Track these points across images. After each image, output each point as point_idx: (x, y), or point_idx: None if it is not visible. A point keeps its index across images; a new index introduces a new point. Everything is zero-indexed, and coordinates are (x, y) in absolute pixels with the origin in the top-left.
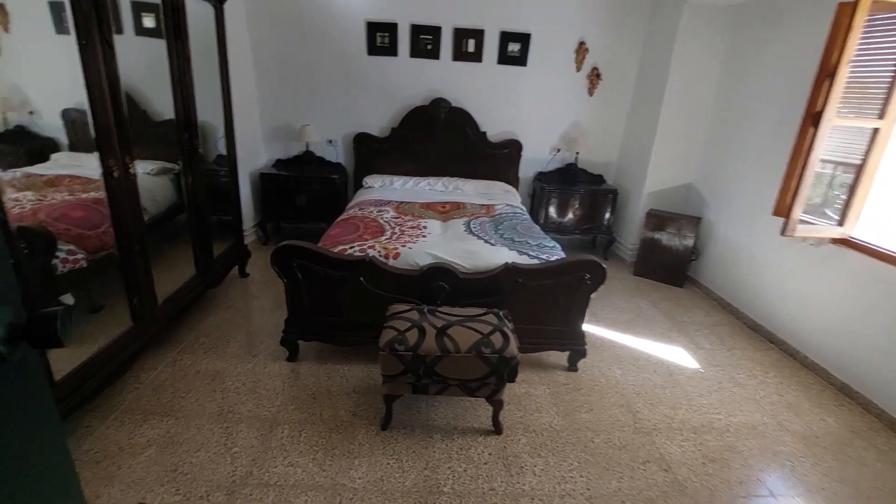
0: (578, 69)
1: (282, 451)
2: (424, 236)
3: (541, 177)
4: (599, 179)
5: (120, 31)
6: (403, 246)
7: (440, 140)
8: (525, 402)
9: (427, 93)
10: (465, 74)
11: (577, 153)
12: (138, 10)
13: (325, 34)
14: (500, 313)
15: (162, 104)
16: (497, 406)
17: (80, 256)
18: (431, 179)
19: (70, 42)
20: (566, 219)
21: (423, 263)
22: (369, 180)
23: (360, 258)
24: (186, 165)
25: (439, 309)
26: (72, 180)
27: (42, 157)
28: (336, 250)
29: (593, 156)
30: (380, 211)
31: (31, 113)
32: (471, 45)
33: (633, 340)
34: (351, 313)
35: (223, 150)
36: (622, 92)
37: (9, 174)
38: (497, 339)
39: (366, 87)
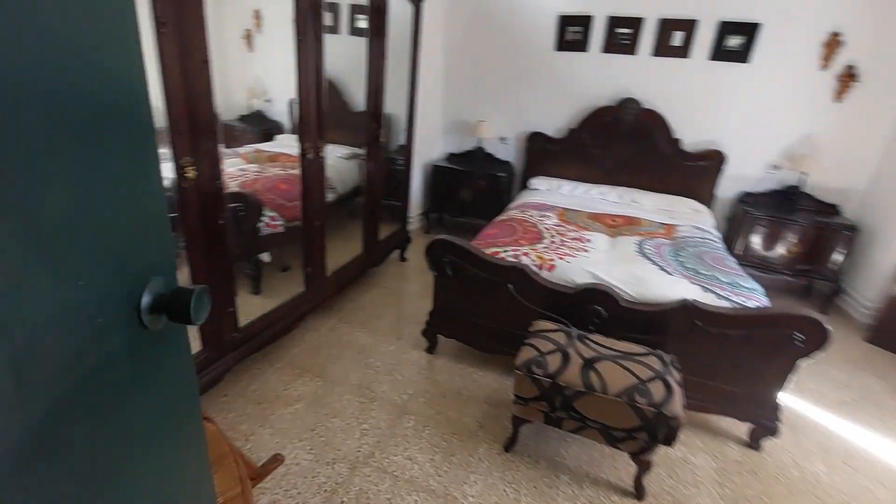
0: (824, 66)
1: (404, 440)
2: (587, 251)
3: (748, 198)
4: (832, 210)
5: (337, 31)
6: (561, 258)
7: (622, 145)
8: (680, 469)
9: (615, 92)
10: (665, 72)
11: (805, 174)
12: (354, 11)
13: (514, 29)
14: (666, 358)
15: (361, 97)
16: (643, 466)
17: (279, 223)
18: (605, 188)
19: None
20: (774, 254)
21: (579, 281)
22: (536, 182)
23: (512, 264)
24: (369, 153)
25: (590, 336)
26: (286, 158)
27: (269, 138)
28: (488, 251)
29: (828, 178)
30: (541, 216)
31: (267, 101)
32: (677, 39)
33: (853, 431)
34: (493, 319)
35: (404, 141)
36: (887, 98)
37: (244, 149)
38: (657, 390)
39: (548, 85)
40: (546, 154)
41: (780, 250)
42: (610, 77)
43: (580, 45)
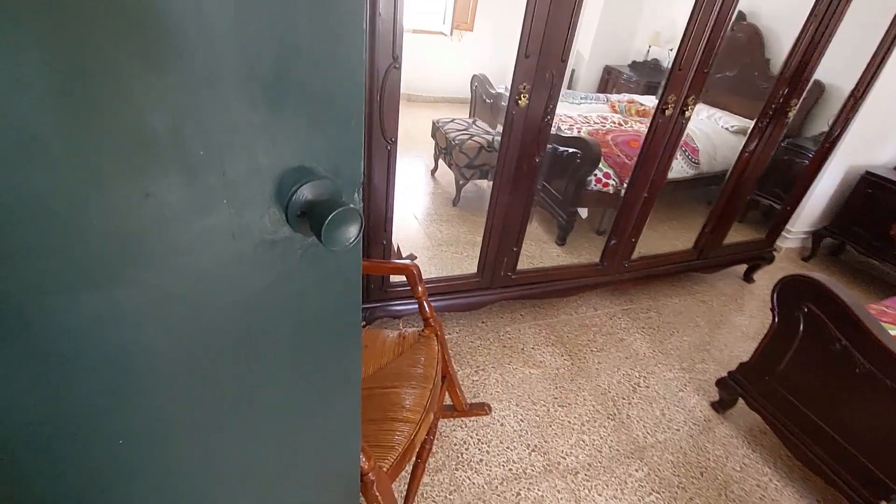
0: None
1: (620, 486)
2: None
3: None
4: None
5: None
6: None
7: None
8: None
9: None
10: None
11: None
12: None
13: None
14: None
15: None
16: None
17: (611, 181)
18: None
19: None
20: None
21: None
22: None
23: None
24: (759, 125)
25: None
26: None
27: (653, 91)
28: (894, 331)
29: None
30: None
31: (671, 49)
32: None
33: None
34: (842, 428)
35: (830, 125)
36: None
37: (617, 97)
38: None
39: None
40: None
41: None
42: None
43: None
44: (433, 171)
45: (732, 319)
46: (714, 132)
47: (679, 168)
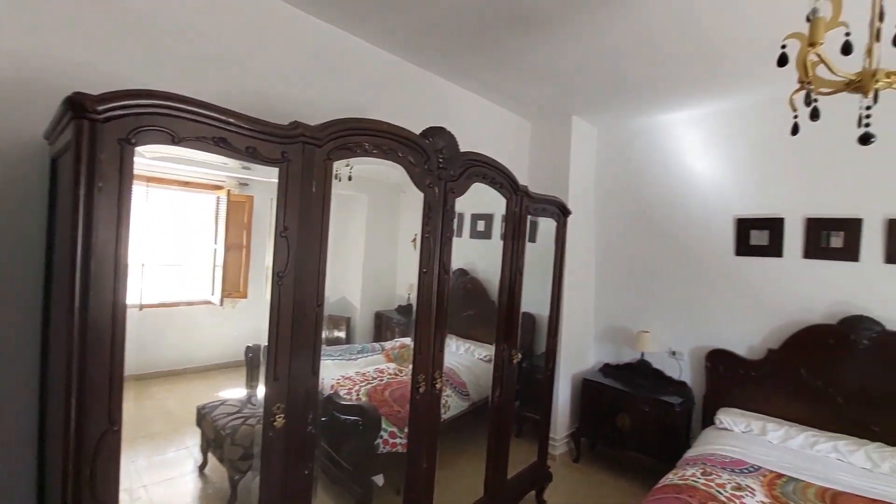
0: None
1: None
2: None
3: None
4: None
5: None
6: None
7: (861, 378)
8: None
9: (832, 307)
10: None
11: None
12: (475, 218)
13: (678, 233)
14: None
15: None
16: None
17: (398, 441)
18: (843, 443)
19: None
20: None
21: None
22: (725, 418)
23: None
24: (497, 376)
25: None
26: None
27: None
28: None
29: None
30: (737, 490)
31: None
32: None
33: None
34: None
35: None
36: None
37: (391, 343)
38: None
39: (728, 294)
40: (738, 379)
41: None
42: (820, 288)
43: (770, 250)
44: (202, 467)
45: None
46: (472, 363)
47: (455, 404)
